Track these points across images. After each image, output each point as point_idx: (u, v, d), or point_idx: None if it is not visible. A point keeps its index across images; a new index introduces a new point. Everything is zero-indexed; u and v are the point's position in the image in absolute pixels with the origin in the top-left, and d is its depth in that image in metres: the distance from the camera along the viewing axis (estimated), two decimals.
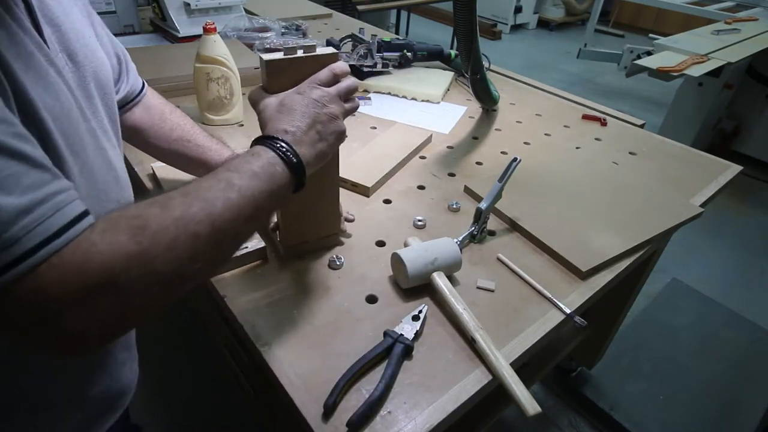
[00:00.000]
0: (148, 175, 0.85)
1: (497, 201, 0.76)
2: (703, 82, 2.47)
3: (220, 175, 0.44)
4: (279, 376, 0.52)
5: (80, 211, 0.36)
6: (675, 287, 1.88)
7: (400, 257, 0.63)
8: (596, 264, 0.70)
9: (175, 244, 0.38)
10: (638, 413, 1.39)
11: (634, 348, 1.59)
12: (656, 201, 0.87)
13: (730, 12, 2.84)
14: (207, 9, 1.49)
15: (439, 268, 0.64)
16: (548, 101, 1.31)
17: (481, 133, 1.10)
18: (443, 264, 0.65)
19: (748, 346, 1.66)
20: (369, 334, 0.58)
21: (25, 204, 0.33)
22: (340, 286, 0.65)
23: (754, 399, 1.46)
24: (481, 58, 1.00)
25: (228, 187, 0.43)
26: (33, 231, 0.33)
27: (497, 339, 0.59)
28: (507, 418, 1.39)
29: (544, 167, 0.94)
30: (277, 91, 0.54)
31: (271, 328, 0.58)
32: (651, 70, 1.95)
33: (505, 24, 5.22)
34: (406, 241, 0.71)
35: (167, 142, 0.72)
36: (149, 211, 0.38)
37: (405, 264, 0.62)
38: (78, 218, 0.36)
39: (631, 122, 1.21)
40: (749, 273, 2.07)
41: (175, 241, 0.38)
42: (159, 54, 1.25)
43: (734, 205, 2.47)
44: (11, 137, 0.34)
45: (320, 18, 1.83)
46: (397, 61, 1.34)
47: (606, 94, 3.88)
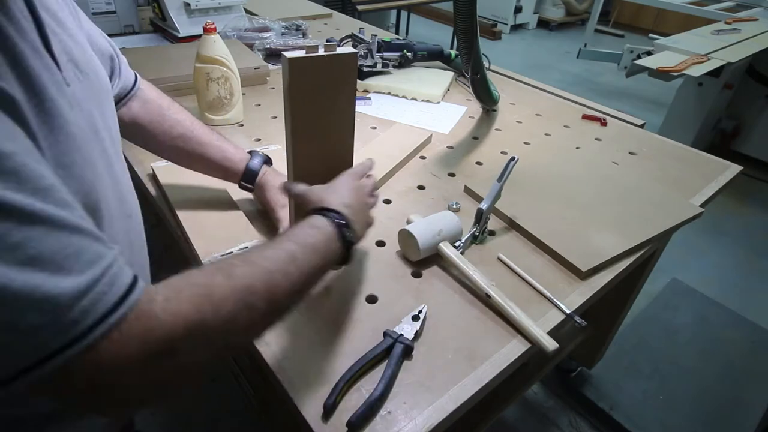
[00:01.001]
0: (148, 175, 0.85)
1: (497, 201, 0.76)
2: (703, 82, 2.47)
3: (284, 245, 0.45)
4: (279, 376, 0.52)
5: (131, 280, 0.35)
6: (675, 287, 1.88)
7: (410, 232, 0.67)
8: (596, 264, 0.70)
9: (234, 315, 0.38)
10: (638, 413, 1.39)
11: (634, 348, 1.59)
12: (656, 201, 0.87)
13: (730, 12, 2.84)
14: (207, 9, 1.49)
15: (444, 238, 0.69)
16: (548, 101, 1.31)
17: (481, 133, 1.10)
18: (447, 234, 0.69)
19: (748, 346, 1.66)
20: (369, 334, 0.58)
21: (85, 284, 0.32)
22: (340, 286, 0.65)
23: (754, 399, 1.46)
24: (481, 58, 1.00)
25: (290, 260, 0.43)
26: (93, 310, 0.32)
27: (497, 339, 0.59)
28: (507, 418, 1.39)
29: (544, 167, 0.94)
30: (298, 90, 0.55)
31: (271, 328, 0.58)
32: (651, 70, 1.95)
33: (505, 24, 5.22)
34: (409, 218, 0.75)
35: (168, 138, 0.71)
36: (213, 280, 0.38)
37: (416, 238, 0.66)
38: (131, 287, 0.35)
39: (631, 122, 1.21)
40: (749, 273, 2.07)
41: (234, 312, 0.38)
42: (159, 54, 1.25)
43: (734, 205, 2.47)
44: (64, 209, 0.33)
45: (320, 18, 1.83)
46: (397, 61, 1.34)
47: (606, 94, 3.87)
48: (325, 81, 0.56)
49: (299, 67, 0.53)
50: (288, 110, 0.56)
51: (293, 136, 0.58)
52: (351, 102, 0.61)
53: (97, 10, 1.43)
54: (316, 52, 0.54)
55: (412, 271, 0.68)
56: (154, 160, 0.84)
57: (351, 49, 0.58)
